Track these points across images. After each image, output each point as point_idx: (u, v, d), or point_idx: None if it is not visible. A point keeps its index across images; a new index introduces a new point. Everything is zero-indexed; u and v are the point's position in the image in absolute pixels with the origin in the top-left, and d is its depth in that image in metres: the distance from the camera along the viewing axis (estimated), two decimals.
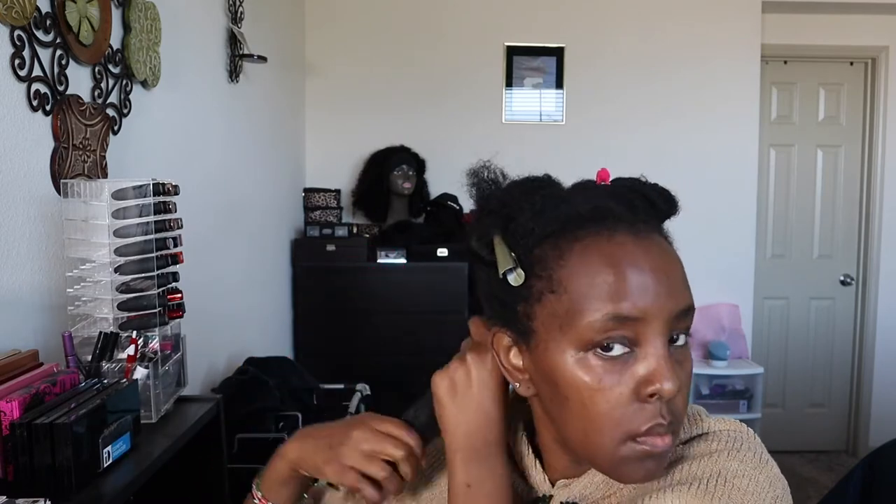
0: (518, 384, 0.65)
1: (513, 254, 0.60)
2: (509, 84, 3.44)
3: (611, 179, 0.64)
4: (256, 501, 0.74)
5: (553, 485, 0.69)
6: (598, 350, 0.57)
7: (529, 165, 0.67)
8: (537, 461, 0.70)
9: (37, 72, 1.25)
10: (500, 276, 0.60)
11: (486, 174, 0.66)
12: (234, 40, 2.29)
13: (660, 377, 0.56)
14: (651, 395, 0.56)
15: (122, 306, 1.23)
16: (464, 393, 0.66)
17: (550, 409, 0.63)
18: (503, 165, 0.67)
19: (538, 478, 0.70)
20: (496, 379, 0.67)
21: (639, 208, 0.60)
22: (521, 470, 0.72)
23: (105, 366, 1.20)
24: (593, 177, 0.65)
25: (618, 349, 0.57)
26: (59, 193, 1.27)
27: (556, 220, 0.59)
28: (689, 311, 0.59)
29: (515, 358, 0.64)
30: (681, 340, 0.59)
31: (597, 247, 0.58)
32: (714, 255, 3.47)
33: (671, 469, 0.62)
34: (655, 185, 0.63)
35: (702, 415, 0.67)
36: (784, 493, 0.61)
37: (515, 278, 0.60)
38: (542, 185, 0.63)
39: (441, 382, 0.67)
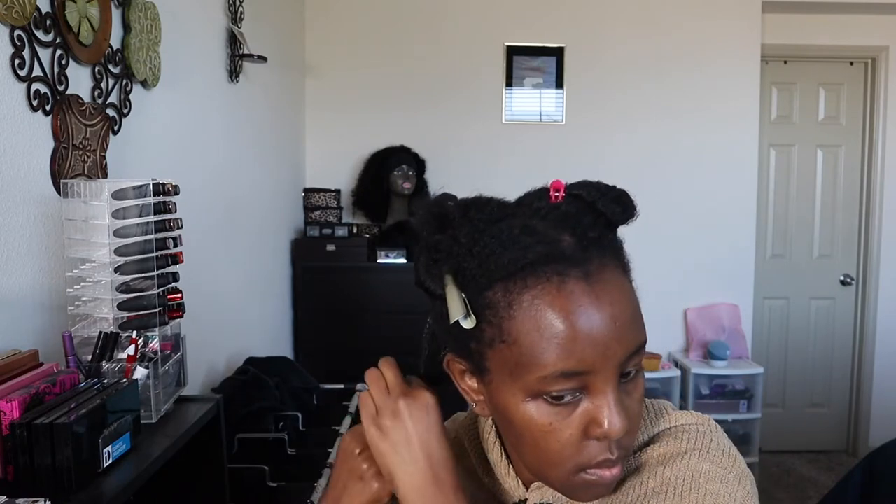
0: (475, 405, 0.66)
1: (463, 294, 0.59)
2: (509, 84, 3.44)
3: (566, 186, 0.61)
4: None
5: (528, 488, 0.69)
6: (548, 397, 0.58)
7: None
8: (511, 467, 0.70)
9: (37, 72, 1.25)
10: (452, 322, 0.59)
11: (436, 210, 0.62)
12: (234, 40, 2.29)
13: (607, 421, 0.57)
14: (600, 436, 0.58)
15: (122, 306, 1.23)
16: (406, 446, 0.64)
17: (506, 436, 0.65)
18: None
19: (512, 483, 0.70)
20: (434, 417, 0.66)
21: (591, 241, 0.58)
22: (496, 477, 0.72)
23: (105, 366, 1.20)
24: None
25: (567, 397, 0.58)
26: (59, 193, 1.27)
27: (504, 268, 0.57)
28: (640, 349, 0.60)
29: (471, 380, 0.65)
30: (632, 373, 0.60)
31: (546, 298, 0.56)
32: (714, 255, 3.47)
33: (644, 472, 0.65)
34: (612, 189, 0.61)
35: (667, 408, 0.69)
36: (752, 489, 0.64)
37: (468, 323, 0.59)
38: (492, 220, 0.59)
39: (380, 444, 0.65)
